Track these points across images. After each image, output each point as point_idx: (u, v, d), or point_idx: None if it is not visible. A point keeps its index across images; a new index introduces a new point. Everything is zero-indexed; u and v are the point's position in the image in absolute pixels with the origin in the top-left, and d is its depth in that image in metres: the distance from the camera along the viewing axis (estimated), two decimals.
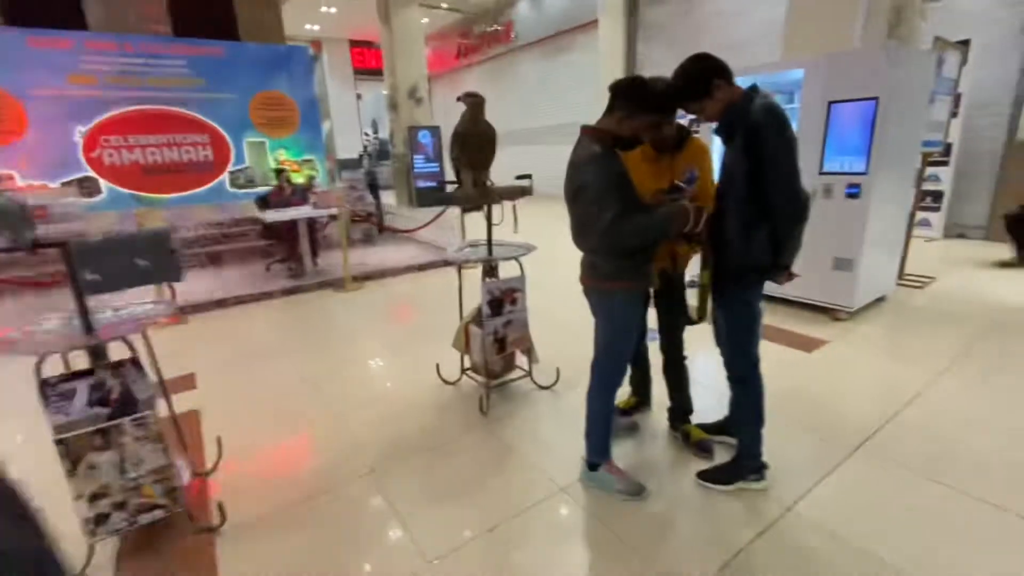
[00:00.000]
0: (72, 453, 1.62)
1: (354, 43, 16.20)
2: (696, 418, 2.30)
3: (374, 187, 7.75)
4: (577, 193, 1.71)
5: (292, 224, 5.17)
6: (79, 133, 7.94)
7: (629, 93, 1.65)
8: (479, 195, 2.49)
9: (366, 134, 18.46)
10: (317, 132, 10.10)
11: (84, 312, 1.67)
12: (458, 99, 2.36)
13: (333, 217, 5.33)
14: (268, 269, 5.69)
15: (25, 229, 1.63)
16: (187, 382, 3.15)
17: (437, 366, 2.98)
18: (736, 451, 2.00)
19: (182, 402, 2.60)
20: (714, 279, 1.81)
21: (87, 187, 8.13)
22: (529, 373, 2.85)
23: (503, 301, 2.58)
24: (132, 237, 2.06)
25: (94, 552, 1.73)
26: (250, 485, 2.12)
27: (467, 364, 2.85)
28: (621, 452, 2.16)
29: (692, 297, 1.98)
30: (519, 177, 2.65)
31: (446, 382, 2.92)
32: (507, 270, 2.65)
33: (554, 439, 2.37)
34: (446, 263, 5.91)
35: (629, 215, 1.61)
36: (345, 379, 3.15)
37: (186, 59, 8.64)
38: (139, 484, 1.72)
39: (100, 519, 1.68)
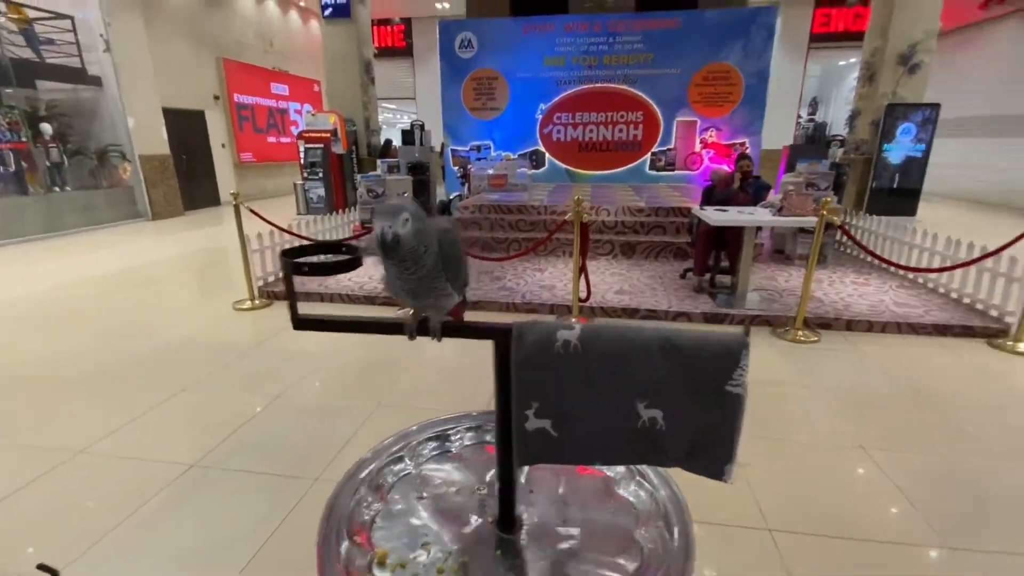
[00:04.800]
0: None
1: (820, 1, 13.27)
2: None
3: (840, 185, 5.63)
4: None
5: (729, 231, 3.86)
6: (540, 111, 8.85)
7: None
8: None
9: (800, 116, 15.41)
10: (759, 111, 8.43)
11: None
12: None
13: (803, 230, 3.75)
14: (684, 276, 4.64)
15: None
16: None
17: None
18: None
19: None
20: None
21: (535, 160, 9.12)
22: None
23: None
24: None
25: None
26: None
27: None
28: None
29: None
30: None
31: None
32: None
33: None
34: (988, 336, 3.48)
35: None
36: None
37: (641, 34, 8.38)
38: None
39: None
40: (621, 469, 0.82)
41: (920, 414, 2.58)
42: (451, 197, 8.32)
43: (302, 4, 13.71)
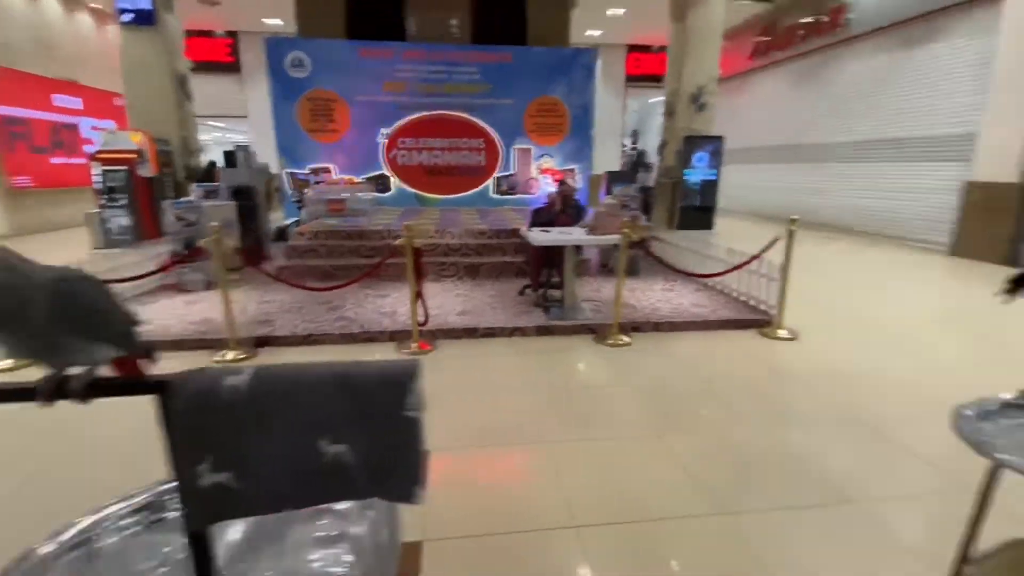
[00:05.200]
0: None
1: (632, 48, 15.31)
2: None
3: (648, 206, 6.44)
4: None
5: (556, 249, 4.18)
6: (382, 135, 8.75)
7: None
8: None
9: (624, 145, 17.50)
10: (585, 141, 9.37)
11: None
12: None
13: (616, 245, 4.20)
14: (522, 293, 4.88)
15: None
16: None
17: None
18: None
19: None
20: None
21: (381, 184, 8.95)
22: None
23: None
24: None
25: None
26: None
27: None
28: None
29: None
30: None
31: None
32: None
33: None
34: (757, 327, 4.21)
35: None
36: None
37: (479, 66, 8.82)
38: None
39: None
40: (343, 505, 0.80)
41: (705, 398, 3.02)
42: (287, 223, 7.77)
43: (94, 5, 11.84)
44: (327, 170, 8.65)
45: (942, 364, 3.55)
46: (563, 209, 4.73)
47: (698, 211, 9.98)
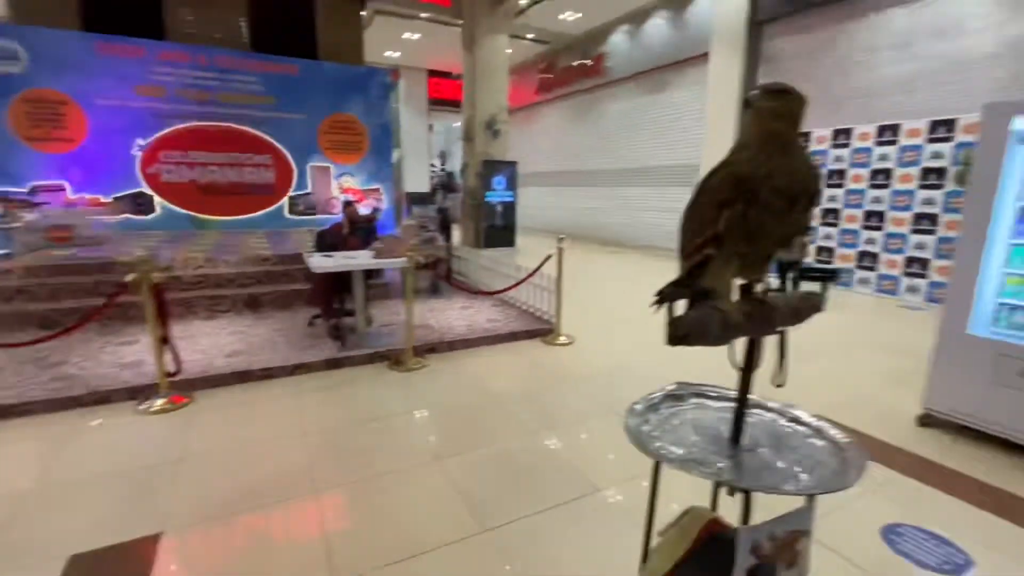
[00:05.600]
0: None
1: (432, 72, 15.74)
2: None
3: (447, 226, 6.59)
4: None
5: (347, 274, 3.98)
6: (137, 146, 7.35)
7: None
8: (752, 316, 1.10)
9: (432, 166, 17.86)
10: (386, 161, 9.24)
11: None
12: (748, 100, 1.00)
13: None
14: (311, 324, 4.52)
15: None
16: (143, 551, 1.89)
17: None
18: None
19: None
20: None
21: (140, 204, 7.50)
22: None
23: (775, 564, 1.13)
24: None
25: None
26: None
27: None
28: None
29: None
30: (812, 272, 1.25)
31: None
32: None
33: None
34: (542, 335, 4.55)
35: None
36: None
37: (259, 75, 8.05)
38: None
39: None
40: None
41: (488, 412, 3.14)
42: None
43: None
44: (59, 187, 6.93)
45: (679, 353, 4.30)
46: (352, 231, 4.53)
47: (501, 230, 10.64)
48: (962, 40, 5.98)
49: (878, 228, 6.64)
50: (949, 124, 5.95)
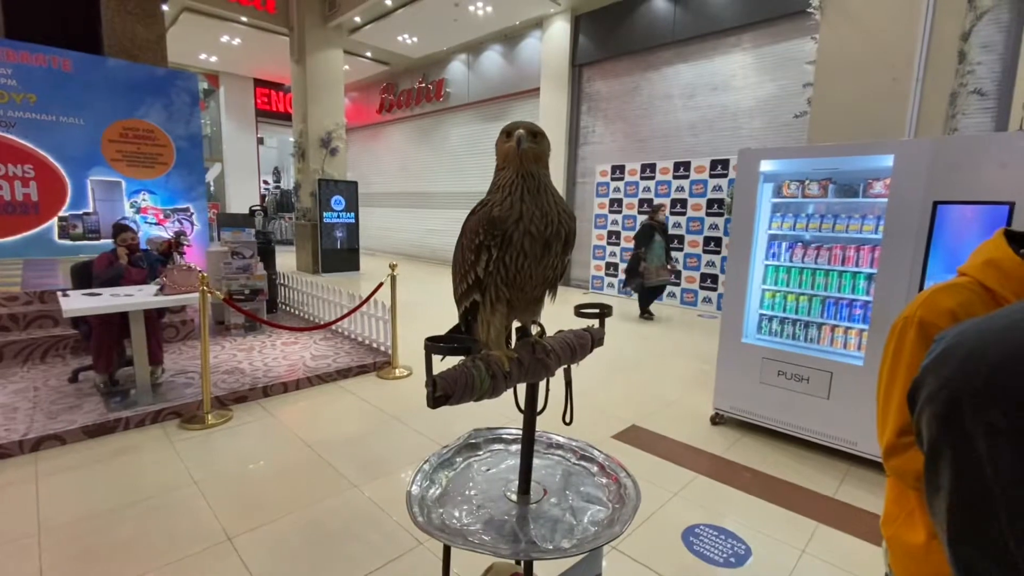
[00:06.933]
0: None
1: (260, 83, 14.39)
2: None
3: (269, 253, 5.91)
4: None
5: (115, 316, 3.25)
6: None
7: None
8: (523, 363, 1.04)
9: (266, 183, 16.28)
10: (198, 176, 8.06)
11: None
12: (517, 139, 0.93)
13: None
14: (74, 379, 3.61)
15: None
16: None
17: None
18: None
19: None
20: None
21: None
22: None
23: None
24: None
25: None
26: None
27: None
28: None
29: None
30: (585, 309, 1.26)
31: None
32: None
33: None
34: (376, 369, 4.23)
35: None
36: None
37: (13, 67, 6.45)
38: None
39: None
40: None
41: (301, 469, 2.75)
42: None
43: None
44: None
45: None
46: (131, 262, 3.75)
47: (343, 253, 9.99)
48: (731, 95, 7.28)
49: (679, 249, 7.68)
50: (724, 163, 7.16)
